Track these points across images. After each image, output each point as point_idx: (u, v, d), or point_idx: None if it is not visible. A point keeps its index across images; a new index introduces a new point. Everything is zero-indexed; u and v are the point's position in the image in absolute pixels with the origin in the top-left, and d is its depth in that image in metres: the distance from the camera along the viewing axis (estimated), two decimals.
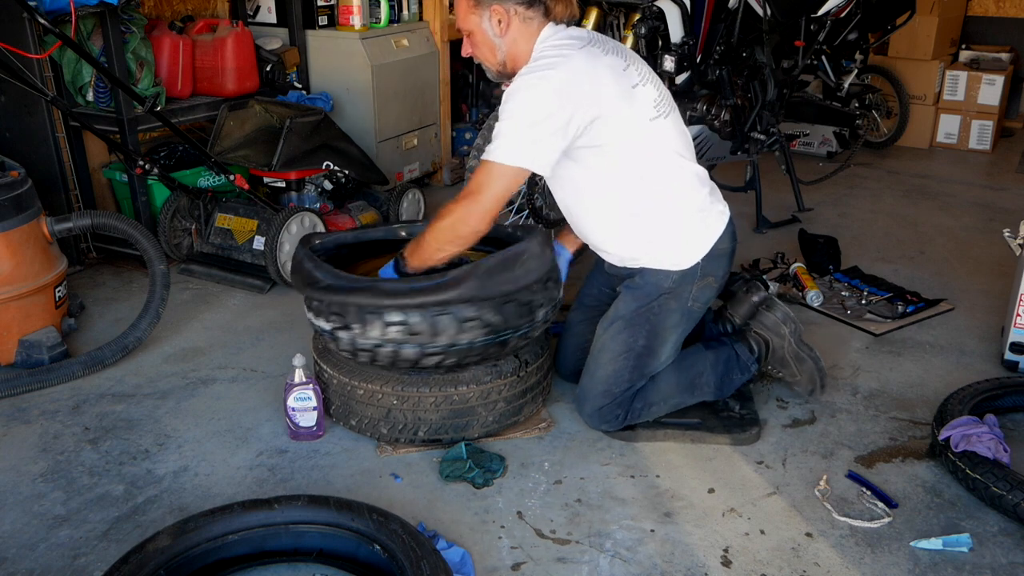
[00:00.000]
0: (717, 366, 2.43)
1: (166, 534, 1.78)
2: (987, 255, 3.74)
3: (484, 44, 2.20)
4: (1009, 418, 2.47)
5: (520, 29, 2.16)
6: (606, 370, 2.34)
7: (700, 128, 3.62)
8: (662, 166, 2.23)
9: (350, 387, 2.29)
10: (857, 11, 4.19)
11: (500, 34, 2.17)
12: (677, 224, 2.28)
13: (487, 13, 2.15)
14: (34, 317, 2.76)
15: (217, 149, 3.51)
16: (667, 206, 2.26)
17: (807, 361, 2.47)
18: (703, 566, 1.93)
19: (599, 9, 3.40)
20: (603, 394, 2.34)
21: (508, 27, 2.16)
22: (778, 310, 2.48)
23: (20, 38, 3.12)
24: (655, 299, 2.31)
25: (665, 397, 2.39)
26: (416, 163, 4.41)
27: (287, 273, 3.30)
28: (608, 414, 2.35)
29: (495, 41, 2.18)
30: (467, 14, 2.19)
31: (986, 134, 5.38)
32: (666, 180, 2.24)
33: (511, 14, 2.15)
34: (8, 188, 2.67)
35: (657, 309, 2.31)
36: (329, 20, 4.14)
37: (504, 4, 2.14)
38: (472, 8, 2.17)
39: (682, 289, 2.31)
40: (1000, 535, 2.03)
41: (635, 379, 2.35)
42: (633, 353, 2.33)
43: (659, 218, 2.27)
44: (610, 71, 2.11)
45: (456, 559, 1.88)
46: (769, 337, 2.47)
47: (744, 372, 2.46)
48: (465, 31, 2.23)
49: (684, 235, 2.29)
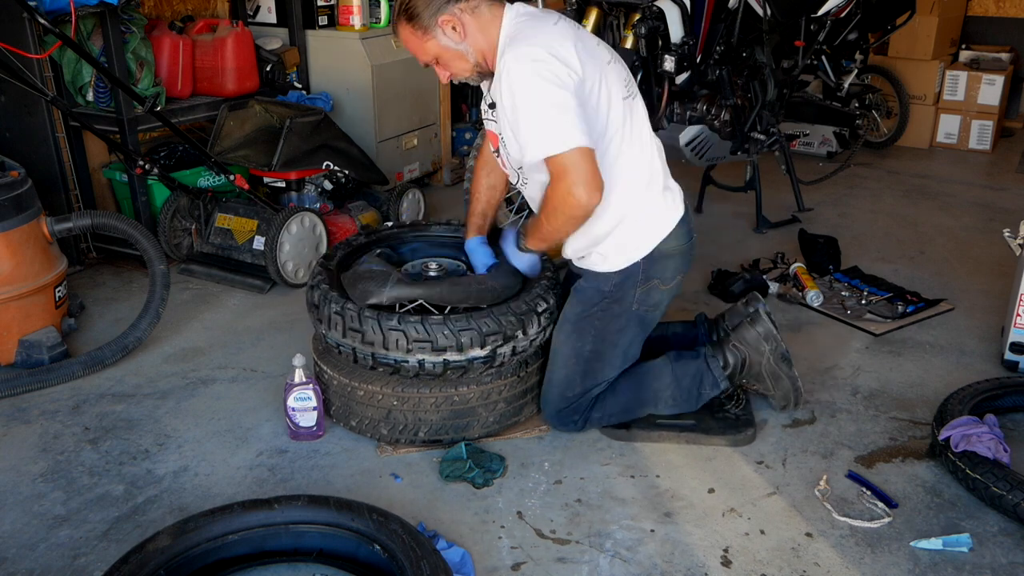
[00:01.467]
0: (683, 380, 2.37)
1: (166, 534, 1.78)
2: (987, 255, 3.74)
3: (454, 59, 2.13)
4: (1009, 418, 2.47)
5: (475, 22, 2.09)
6: (558, 375, 2.32)
7: (700, 128, 3.61)
8: (630, 146, 2.18)
9: (350, 388, 2.29)
10: (857, 11, 4.18)
11: (461, 39, 2.10)
12: (624, 215, 2.20)
13: (438, 30, 2.08)
14: (34, 317, 2.76)
15: (217, 149, 3.51)
16: (627, 188, 2.19)
17: (783, 380, 2.42)
18: (703, 566, 1.93)
19: (599, 9, 3.40)
20: (559, 398, 2.33)
21: (464, 28, 2.09)
22: (761, 326, 2.40)
23: (20, 38, 3.12)
24: (597, 303, 2.27)
25: (625, 408, 2.37)
26: (416, 163, 4.41)
27: (287, 273, 3.30)
28: (566, 418, 2.35)
29: (460, 48, 2.10)
30: (422, 44, 2.11)
31: (986, 134, 5.38)
32: (631, 162, 2.19)
33: (458, 14, 2.08)
34: (8, 188, 2.67)
35: (600, 314, 2.27)
36: (329, 20, 4.14)
37: (448, 11, 2.07)
38: (423, 36, 2.09)
39: (623, 293, 2.26)
40: (1000, 535, 2.03)
41: (588, 384, 2.32)
42: (582, 358, 2.30)
43: (617, 201, 2.18)
44: (585, 48, 2.08)
45: (456, 559, 1.88)
46: (747, 352, 2.40)
47: (714, 387, 2.39)
48: (430, 60, 2.16)
49: (627, 230, 2.22)
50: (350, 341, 2.19)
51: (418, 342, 2.14)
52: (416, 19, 2.08)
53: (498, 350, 2.20)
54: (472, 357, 2.18)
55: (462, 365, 2.19)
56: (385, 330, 2.14)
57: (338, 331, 2.20)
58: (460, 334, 2.14)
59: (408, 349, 2.14)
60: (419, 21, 2.07)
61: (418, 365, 2.17)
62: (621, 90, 2.16)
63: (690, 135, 3.60)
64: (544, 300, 2.29)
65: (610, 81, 2.13)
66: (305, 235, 3.37)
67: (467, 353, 2.17)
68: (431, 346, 2.14)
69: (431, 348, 2.14)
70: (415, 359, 2.16)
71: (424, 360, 2.16)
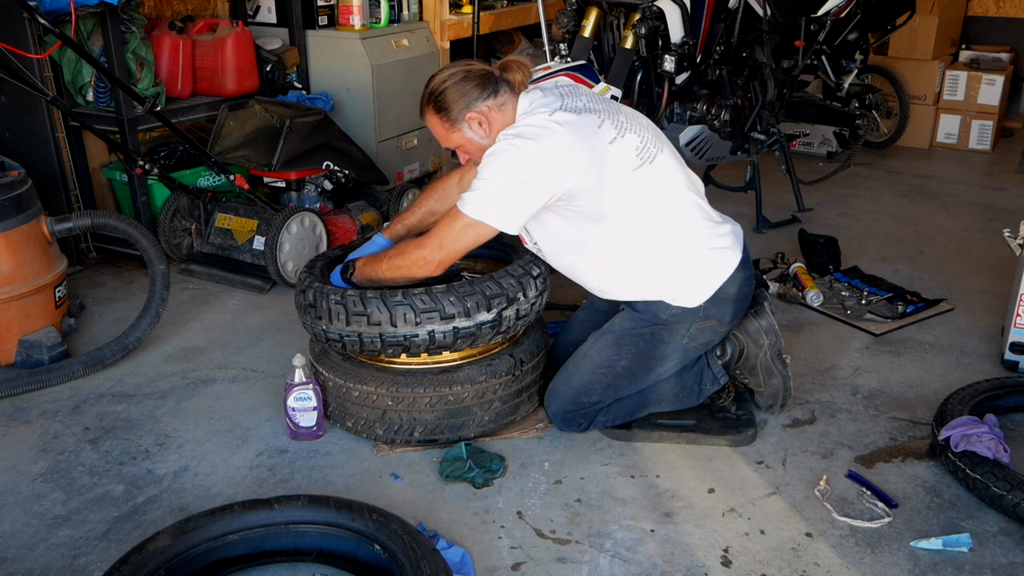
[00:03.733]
0: (686, 378, 2.39)
1: (166, 534, 1.78)
2: (987, 255, 3.74)
3: (478, 150, 2.20)
4: (1009, 418, 2.47)
5: (500, 119, 2.18)
6: (581, 379, 2.33)
7: (700, 128, 3.61)
8: (653, 211, 2.20)
9: (345, 389, 2.29)
10: (857, 11, 4.18)
11: (486, 135, 2.18)
12: (673, 266, 2.24)
13: (464, 125, 2.18)
14: (34, 317, 2.76)
15: (217, 149, 3.51)
16: (662, 249, 2.22)
17: (776, 377, 2.42)
18: (703, 566, 1.93)
19: (599, 9, 3.40)
20: (571, 400, 2.34)
21: (490, 125, 2.17)
22: (764, 319, 2.41)
23: (20, 38, 3.12)
24: (650, 326, 2.28)
25: (630, 411, 2.39)
26: (416, 163, 4.41)
27: (287, 273, 3.30)
28: (572, 420, 2.36)
29: (484, 143, 2.18)
30: (448, 134, 2.22)
31: (986, 134, 5.37)
32: (659, 224, 2.21)
33: (486, 111, 2.16)
34: (8, 188, 2.67)
35: (648, 336, 2.29)
36: (329, 20, 4.14)
37: (476, 107, 2.15)
38: (450, 128, 2.20)
39: (679, 325, 2.28)
40: (1000, 535, 2.03)
41: (605, 396, 2.33)
42: (612, 371, 2.31)
43: (654, 262, 2.23)
44: (584, 135, 2.10)
45: (456, 559, 1.88)
46: (746, 343, 2.40)
47: (714, 383, 2.41)
48: (452, 147, 2.26)
49: (683, 276, 2.24)
50: (355, 328, 2.17)
51: (426, 312, 2.14)
52: (445, 112, 2.18)
53: (503, 312, 2.22)
54: (480, 322, 2.19)
55: (471, 332, 2.19)
56: (391, 306, 2.14)
57: (341, 321, 2.18)
58: (465, 299, 2.16)
59: (417, 322, 2.15)
60: (448, 115, 2.18)
61: (428, 338, 2.17)
62: (632, 161, 2.16)
63: (690, 135, 3.60)
64: (536, 265, 2.33)
65: (617, 160, 2.14)
66: (305, 235, 3.37)
67: (475, 318, 2.18)
68: (439, 315, 2.15)
69: (439, 317, 2.15)
70: (425, 331, 2.16)
71: (434, 331, 2.16)
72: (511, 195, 2.07)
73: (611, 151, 2.13)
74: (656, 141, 2.23)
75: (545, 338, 2.51)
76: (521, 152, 2.06)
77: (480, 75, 2.17)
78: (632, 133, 2.18)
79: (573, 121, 2.11)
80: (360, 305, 2.16)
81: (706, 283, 2.25)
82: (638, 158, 2.17)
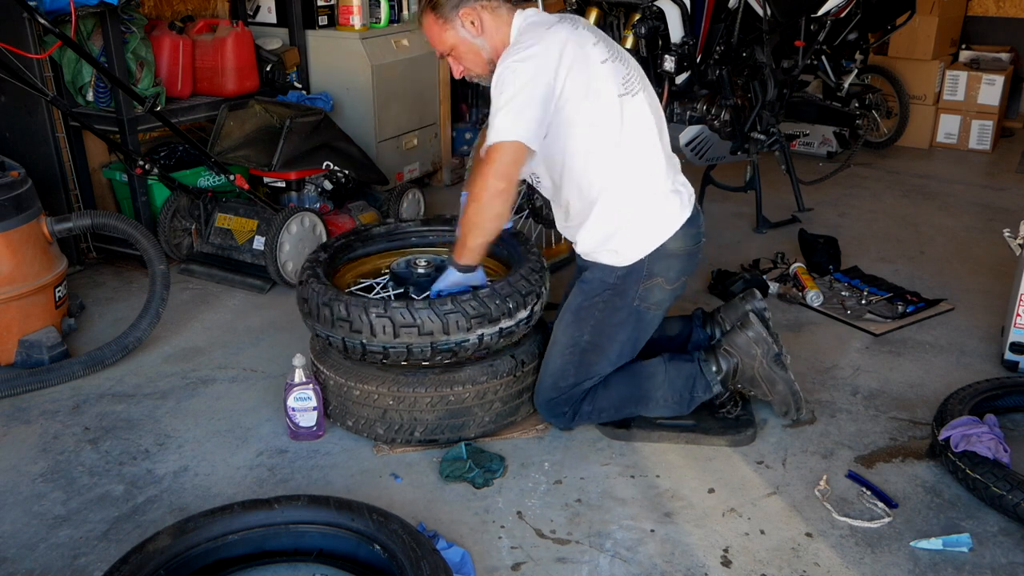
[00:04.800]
0: (676, 382, 2.36)
1: (166, 534, 1.78)
2: (987, 255, 3.74)
3: (469, 52, 2.26)
4: (1009, 418, 2.47)
5: (493, 21, 2.23)
6: (554, 364, 2.33)
7: (700, 128, 3.61)
8: (621, 143, 2.22)
9: (346, 388, 2.29)
10: (857, 11, 4.18)
11: (478, 34, 2.23)
12: (626, 207, 2.25)
13: (457, 21, 2.22)
14: (34, 317, 2.76)
15: (217, 149, 3.51)
16: (624, 188, 2.24)
17: (779, 383, 2.39)
18: (703, 566, 1.93)
19: (599, 9, 3.40)
20: (551, 387, 2.34)
21: (482, 24, 2.22)
22: (751, 330, 2.38)
23: (20, 38, 3.12)
24: (599, 294, 2.30)
25: (616, 405, 2.37)
26: (416, 163, 4.41)
27: (287, 273, 3.30)
28: (556, 409, 2.35)
29: (476, 43, 2.24)
30: (441, 34, 2.25)
31: (986, 134, 5.38)
32: (629, 159, 2.24)
33: (479, 10, 2.21)
34: (8, 188, 2.67)
35: (602, 305, 2.30)
36: (329, 20, 4.14)
37: (469, 4, 2.20)
38: (443, 25, 2.23)
39: (626, 286, 2.29)
40: (1000, 535, 2.03)
41: (580, 376, 2.32)
42: (578, 348, 2.31)
43: (618, 200, 2.25)
44: (578, 44, 2.16)
45: (456, 559, 1.88)
46: (739, 357, 2.39)
47: (706, 391, 2.38)
48: (446, 51, 2.28)
49: (631, 227, 2.26)
50: (404, 339, 2.16)
51: (476, 318, 2.17)
52: (438, 8, 2.22)
53: (535, 308, 2.30)
54: (519, 319, 2.25)
55: (512, 330, 2.25)
56: (442, 315, 2.14)
57: (387, 334, 2.15)
58: (507, 300, 2.21)
59: (468, 327, 2.16)
60: (441, 11, 2.22)
61: (478, 341, 2.20)
62: (618, 87, 2.20)
63: (690, 135, 3.60)
64: (541, 260, 2.41)
65: (605, 78, 2.19)
66: (305, 235, 3.37)
67: (516, 316, 2.23)
68: (487, 318, 2.18)
69: (487, 320, 2.18)
70: (475, 335, 2.18)
71: (484, 334, 2.19)
72: (523, 103, 2.09)
73: (601, 69, 2.19)
74: (640, 79, 2.29)
75: (545, 339, 2.50)
76: (523, 64, 2.10)
77: None
78: (620, 63, 2.24)
79: (569, 30, 2.18)
80: (409, 316, 2.15)
81: (651, 235, 2.27)
82: (623, 86, 2.22)
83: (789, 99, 4.01)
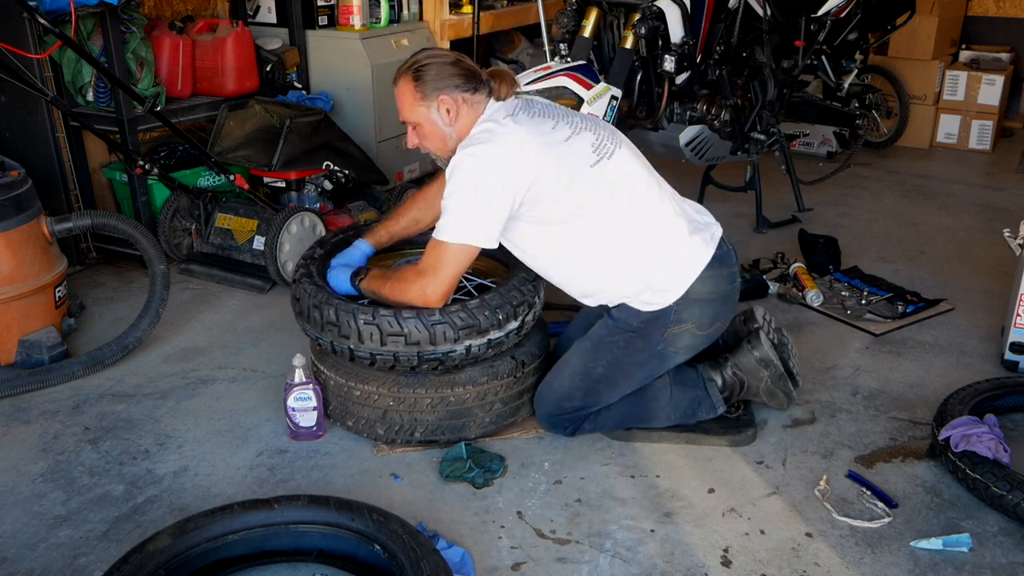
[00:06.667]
0: (681, 404, 2.35)
1: (166, 534, 1.78)
2: (987, 255, 3.74)
3: (434, 135, 2.20)
4: (1009, 418, 2.47)
5: (468, 114, 2.17)
6: (562, 384, 2.31)
7: (700, 128, 3.61)
8: (615, 208, 2.17)
9: (346, 388, 2.29)
10: (857, 11, 4.18)
11: (450, 123, 2.16)
12: (638, 266, 2.20)
13: (434, 104, 2.15)
14: (34, 317, 2.76)
15: (217, 149, 3.51)
16: (626, 248, 2.19)
17: (779, 395, 2.41)
18: (703, 566, 1.93)
19: (599, 9, 3.39)
20: (554, 405, 2.32)
21: (457, 115, 2.16)
22: (758, 350, 2.37)
23: (20, 38, 3.12)
24: (623, 334, 2.25)
25: (618, 422, 2.36)
26: (416, 163, 4.41)
27: (287, 273, 3.30)
28: (557, 424, 2.35)
29: (445, 131, 2.18)
30: (413, 106, 2.17)
31: (986, 134, 5.37)
32: (622, 221, 2.18)
33: (459, 102, 2.15)
34: (8, 188, 2.67)
35: (623, 343, 2.25)
36: (329, 20, 4.14)
37: (451, 93, 2.14)
38: (419, 101, 2.15)
39: (650, 331, 2.23)
40: (1000, 535, 2.03)
41: (587, 402, 2.30)
42: (590, 378, 2.28)
43: (620, 262, 2.20)
44: (536, 135, 2.11)
45: (456, 559, 1.88)
46: (746, 378, 2.39)
47: (710, 411, 2.37)
48: (411, 123, 2.21)
49: (648, 276, 2.20)
50: (391, 348, 2.15)
51: (464, 329, 2.16)
52: (420, 82, 2.15)
53: (526, 318, 2.27)
54: (509, 330, 2.23)
55: (501, 341, 2.23)
56: (430, 326, 2.14)
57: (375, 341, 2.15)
58: (497, 312, 2.19)
59: (455, 339, 2.16)
60: (422, 86, 2.14)
61: (465, 352, 2.19)
62: (589, 157, 2.15)
63: (690, 135, 3.60)
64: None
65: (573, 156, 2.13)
66: (305, 235, 3.37)
67: (505, 328, 2.22)
68: (475, 330, 2.17)
69: (475, 331, 2.17)
70: (462, 347, 2.17)
71: (471, 345, 2.18)
72: (477, 207, 2.07)
73: (566, 147, 2.13)
74: (613, 138, 2.23)
75: (546, 340, 2.51)
76: (475, 159, 2.06)
77: (468, 69, 2.18)
78: (587, 131, 2.19)
79: (524, 122, 2.13)
80: (397, 325, 2.14)
81: (672, 284, 2.20)
82: (595, 154, 2.16)
83: (789, 99, 4.01)
